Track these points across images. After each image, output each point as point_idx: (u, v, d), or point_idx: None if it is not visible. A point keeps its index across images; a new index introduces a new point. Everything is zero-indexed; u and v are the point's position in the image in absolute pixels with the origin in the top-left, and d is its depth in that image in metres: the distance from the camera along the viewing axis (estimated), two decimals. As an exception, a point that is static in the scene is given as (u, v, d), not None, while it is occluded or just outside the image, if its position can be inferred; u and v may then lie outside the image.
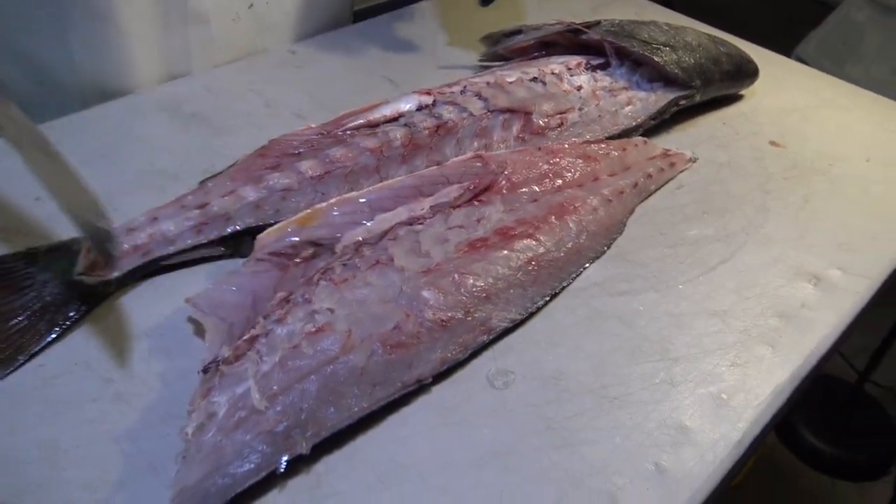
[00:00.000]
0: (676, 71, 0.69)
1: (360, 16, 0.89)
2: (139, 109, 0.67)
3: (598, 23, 0.72)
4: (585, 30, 0.70)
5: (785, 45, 1.79)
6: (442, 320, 0.47)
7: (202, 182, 0.56)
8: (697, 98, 0.73)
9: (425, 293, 0.47)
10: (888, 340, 1.29)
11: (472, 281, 0.49)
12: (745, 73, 0.75)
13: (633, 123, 0.68)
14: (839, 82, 0.83)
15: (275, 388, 0.41)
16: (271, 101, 0.69)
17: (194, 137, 0.64)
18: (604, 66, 0.70)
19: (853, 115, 0.77)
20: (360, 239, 0.51)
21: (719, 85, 0.73)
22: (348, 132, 0.60)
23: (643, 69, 0.71)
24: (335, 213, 0.53)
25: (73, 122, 0.64)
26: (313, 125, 0.61)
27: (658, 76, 0.71)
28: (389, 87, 0.73)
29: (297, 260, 0.51)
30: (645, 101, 0.69)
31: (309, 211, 0.52)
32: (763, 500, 1.24)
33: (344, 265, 0.49)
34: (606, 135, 0.66)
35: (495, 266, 0.50)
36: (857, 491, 1.35)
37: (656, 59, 0.69)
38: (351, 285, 0.47)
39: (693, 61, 0.70)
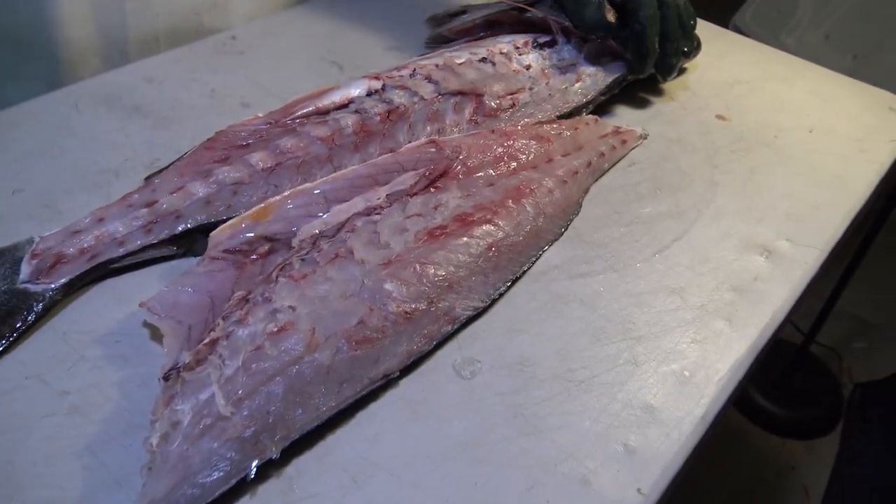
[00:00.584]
0: (622, 48, 0.69)
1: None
2: (76, 102, 0.64)
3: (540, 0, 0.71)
4: (529, 8, 0.69)
5: (722, 12, 1.82)
6: (406, 312, 0.46)
7: (148, 178, 0.54)
8: (646, 74, 0.73)
9: (387, 285, 0.47)
10: (831, 301, 1.34)
11: (433, 270, 0.49)
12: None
13: (584, 100, 0.68)
14: (780, 54, 0.85)
15: (240, 392, 0.40)
16: (216, 91, 0.67)
17: (136, 131, 0.61)
18: (551, 44, 0.70)
19: (795, 86, 0.78)
20: (317, 232, 0.50)
21: None
22: (297, 121, 0.58)
23: (590, 45, 0.71)
24: (289, 207, 0.52)
25: (8, 116, 0.61)
26: (261, 114, 0.59)
27: (605, 51, 0.71)
28: (336, 71, 0.72)
29: (254, 257, 0.50)
30: (594, 76, 0.69)
31: (262, 205, 0.51)
32: (715, 462, 1.29)
33: (302, 260, 0.48)
34: (558, 113, 0.66)
35: (456, 254, 0.50)
36: (805, 448, 1.41)
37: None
38: (311, 281, 0.46)
39: None
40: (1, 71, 0.68)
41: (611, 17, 0.66)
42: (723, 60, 0.81)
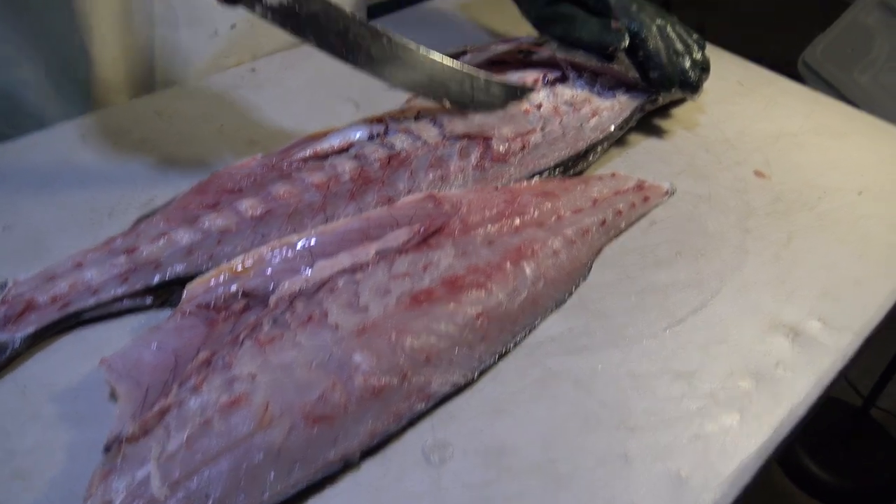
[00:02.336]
0: (638, 77, 0.65)
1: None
2: (84, 135, 0.63)
3: (546, 40, 0.68)
4: (535, 48, 0.66)
5: (791, 49, 1.73)
6: (374, 387, 0.43)
7: (137, 221, 0.53)
8: (661, 101, 0.69)
9: (357, 356, 0.43)
10: (893, 364, 1.24)
11: (411, 341, 0.45)
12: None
13: (601, 136, 0.64)
14: (835, 104, 0.78)
15: (177, 473, 0.37)
16: (224, 126, 0.65)
17: (139, 168, 0.60)
18: (562, 80, 0.66)
19: (848, 142, 0.72)
20: (297, 289, 0.48)
21: None
22: (294, 164, 0.56)
23: (603, 78, 0.66)
24: (272, 261, 0.49)
25: (10, 149, 0.61)
26: (259, 156, 0.57)
27: (619, 83, 0.66)
28: (351, 109, 0.69)
29: (227, 313, 0.47)
30: (610, 110, 0.65)
31: (244, 257, 0.49)
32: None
33: (274, 321, 0.46)
34: (573, 152, 0.62)
35: (439, 322, 0.47)
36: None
37: (615, 67, 0.65)
38: (277, 347, 0.44)
39: None
40: (42, 95, 0.68)
41: (618, 24, 0.64)
42: (771, 110, 0.76)
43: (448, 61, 0.59)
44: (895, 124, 0.77)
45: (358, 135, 0.58)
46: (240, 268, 0.48)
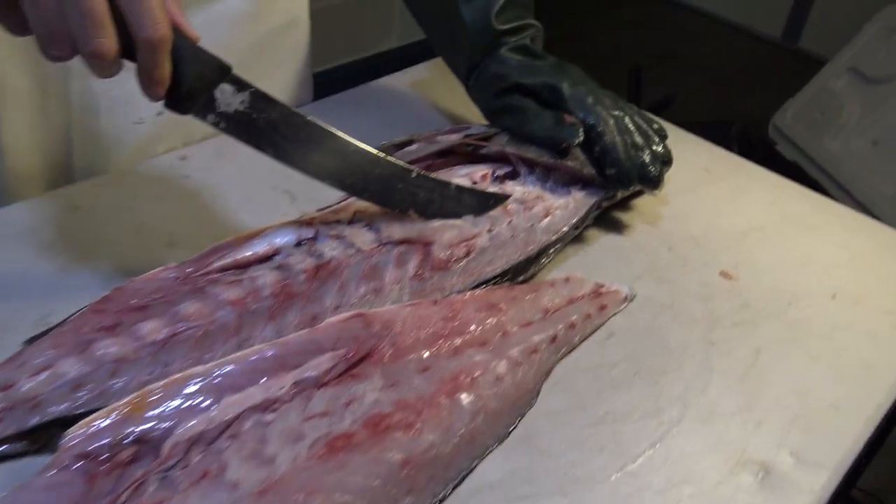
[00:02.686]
0: (594, 172, 0.61)
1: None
2: (-15, 234, 0.57)
3: (496, 132, 0.63)
4: (483, 143, 0.61)
5: (764, 109, 1.72)
6: (274, 564, 0.37)
7: (24, 344, 0.47)
8: (619, 196, 0.64)
9: (256, 527, 0.37)
10: (877, 441, 1.18)
11: (321, 502, 0.39)
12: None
13: (554, 237, 0.59)
14: (803, 191, 0.74)
15: None
16: (144, 224, 0.60)
17: (41, 274, 0.54)
18: (512, 176, 0.61)
19: (818, 235, 0.68)
20: (198, 432, 0.42)
21: None
22: (210, 277, 0.50)
23: (556, 173, 0.62)
24: (172, 397, 0.43)
25: None
26: (172, 265, 0.51)
27: (574, 179, 0.62)
28: (286, 202, 0.64)
29: (112, 465, 0.41)
30: (564, 209, 0.60)
31: (139, 394, 0.43)
32: None
33: (163, 478, 0.39)
34: (523, 257, 0.57)
35: (356, 476, 0.41)
36: None
37: (570, 163, 0.60)
38: (162, 514, 0.37)
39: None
40: None
41: (572, 119, 0.60)
42: (738, 200, 0.71)
43: (416, 172, 0.54)
44: (865, 199, 0.73)
45: (284, 240, 0.52)
46: (133, 406, 0.42)
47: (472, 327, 0.50)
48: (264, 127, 0.47)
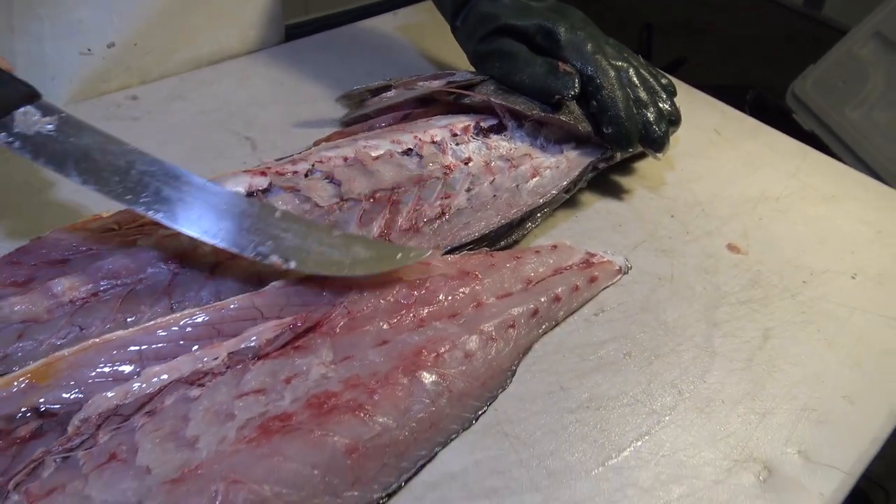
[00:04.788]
0: (590, 129, 0.54)
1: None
2: None
3: (483, 80, 0.56)
4: (465, 93, 0.54)
5: (782, 77, 1.63)
6: (184, 567, 0.31)
7: (-73, 299, 0.41)
8: (618, 158, 0.58)
9: (164, 522, 0.32)
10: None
11: (245, 493, 0.33)
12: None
13: (541, 200, 0.52)
14: (824, 160, 0.67)
15: None
16: (82, 169, 0.53)
17: (-42, 222, 0.48)
18: (498, 129, 0.54)
19: (839, 208, 0.61)
20: (112, 407, 0.36)
21: None
22: (145, 228, 0.44)
23: (548, 129, 0.55)
24: (87, 365, 0.37)
25: None
26: (103, 214, 0.45)
27: (568, 136, 0.55)
28: (247, 150, 0.57)
29: (10, 441, 0.35)
30: (554, 169, 0.54)
31: (47, 359, 0.37)
32: None
33: (64, 459, 0.34)
34: (505, 221, 0.50)
35: (291, 464, 0.35)
36: None
37: (563, 118, 0.53)
38: (54, 503, 0.32)
39: None
40: None
41: (567, 67, 0.53)
42: (751, 166, 0.64)
43: (280, 212, 0.43)
44: (886, 172, 0.66)
45: (234, 190, 0.46)
46: (40, 373, 0.36)
47: (441, 297, 0.44)
48: (72, 151, 0.40)
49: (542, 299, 0.47)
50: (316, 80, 0.66)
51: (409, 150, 0.50)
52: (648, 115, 0.54)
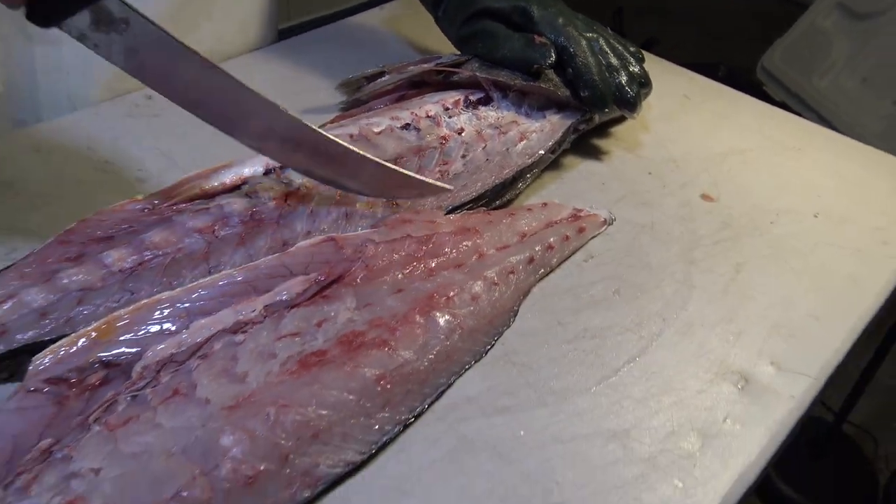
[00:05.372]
0: (569, 94, 0.60)
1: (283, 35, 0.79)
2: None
3: (468, 59, 0.62)
4: (455, 70, 0.60)
5: (752, 54, 1.69)
6: (247, 476, 0.36)
7: (-11, 278, 0.46)
8: (596, 120, 0.63)
9: (226, 439, 0.37)
10: (866, 375, 1.19)
11: (294, 414, 0.38)
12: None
13: (530, 161, 0.58)
14: (789, 117, 0.73)
15: None
16: (110, 163, 0.58)
17: (2, 212, 0.53)
18: (485, 101, 0.60)
19: (803, 158, 0.67)
20: (168, 356, 0.41)
21: None
22: (177, 206, 0.49)
23: (530, 97, 0.61)
24: (141, 322, 0.42)
25: None
26: (139, 197, 0.50)
27: (549, 102, 0.61)
28: (258, 138, 0.62)
29: (82, 388, 0.40)
30: (539, 132, 0.59)
31: (106, 319, 0.42)
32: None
33: (133, 398, 0.39)
34: (499, 181, 0.56)
35: (330, 390, 0.40)
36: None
37: (543, 85, 0.59)
38: (132, 430, 0.37)
39: None
40: None
41: (542, 39, 0.59)
42: (719, 125, 0.70)
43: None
44: (854, 135, 0.72)
45: (251, 170, 0.51)
46: (101, 331, 0.41)
47: (447, 250, 0.49)
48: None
49: (537, 248, 0.52)
50: (313, 73, 0.71)
51: (408, 124, 0.56)
52: (621, 78, 0.59)
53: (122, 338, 0.42)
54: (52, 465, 0.35)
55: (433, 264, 0.48)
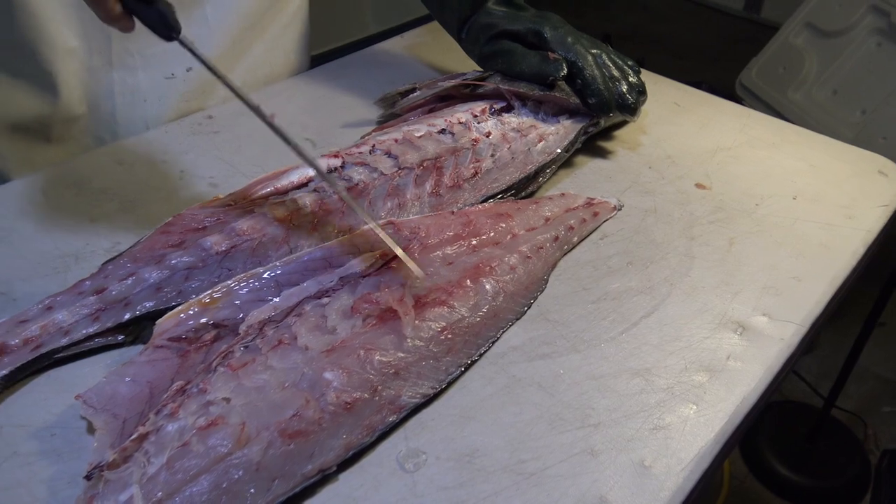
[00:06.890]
0: (578, 102, 0.69)
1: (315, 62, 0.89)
2: (43, 187, 0.64)
3: (490, 74, 0.72)
4: (481, 83, 0.70)
5: (729, 71, 1.82)
6: (346, 403, 0.44)
7: (104, 264, 0.54)
8: (603, 124, 0.73)
9: (328, 374, 0.45)
10: (850, 361, 1.28)
11: (378, 357, 0.47)
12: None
13: (548, 158, 0.67)
14: (766, 118, 0.83)
15: (160, 493, 0.38)
16: (185, 172, 0.67)
17: (101, 215, 0.62)
18: (507, 109, 0.70)
19: (780, 152, 0.77)
20: (266, 317, 0.49)
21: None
22: (256, 201, 0.58)
23: (546, 105, 0.71)
24: (240, 292, 0.51)
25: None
26: (221, 195, 0.59)
27: (562, 109, 0.71)
28: (309, 147, 0.72)
29: (199, 345, 0.49)
30: (555, 134, 0.69)
31: (211, 291, 0.50)
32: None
33: (245, 348, 0.47)
34: (523, 175, 0.66)
35: (405, 339, 0.49)
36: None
37: (557, 94, 0.69)
38: (250, 371, 0.45)
39: None
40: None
41: (555, 55, 0.68)
42: (707, 127, 0.80)
43: None
44: (823, 135, 0.82)
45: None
46: (208, 300, 0.50)
47: (486, 231, 0.58)
48: None
49: (560, 228, 0.61)
50: (349, 93, 0.81)
51: (443, 129, 0.65)
52: (622, 87, 0.69)
53: (226, 305, 0.50)
54: (190, 396, 0.44)
55: (475, 242, 0.57)
